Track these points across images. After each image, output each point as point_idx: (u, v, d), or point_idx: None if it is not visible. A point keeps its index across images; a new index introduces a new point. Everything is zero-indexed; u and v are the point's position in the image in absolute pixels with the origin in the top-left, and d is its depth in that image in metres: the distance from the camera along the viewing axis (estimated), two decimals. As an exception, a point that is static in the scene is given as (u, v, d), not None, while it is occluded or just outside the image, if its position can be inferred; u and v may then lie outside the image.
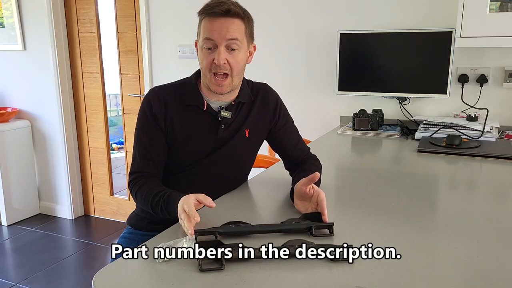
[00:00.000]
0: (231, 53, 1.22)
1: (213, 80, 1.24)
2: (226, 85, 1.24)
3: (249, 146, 1.41)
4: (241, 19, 1.23)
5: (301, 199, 1.18)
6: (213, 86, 1.25)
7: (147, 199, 1.21)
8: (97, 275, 0.87)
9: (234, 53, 1.23)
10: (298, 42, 2.56)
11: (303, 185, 1.15)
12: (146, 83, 3.04)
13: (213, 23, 1.20)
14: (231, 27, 1.20)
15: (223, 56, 1.21)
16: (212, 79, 1.24)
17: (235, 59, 1.23)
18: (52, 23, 3.19)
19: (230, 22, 1.20)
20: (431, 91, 2.16)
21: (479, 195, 1.40)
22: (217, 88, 1.25)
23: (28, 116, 3.50)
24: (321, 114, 2.55)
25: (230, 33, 1.20)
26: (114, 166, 3.64)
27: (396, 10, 2.30)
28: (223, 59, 1.21)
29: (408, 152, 1.88)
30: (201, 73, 1.28)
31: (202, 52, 1.24)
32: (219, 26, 1.20)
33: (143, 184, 1.25)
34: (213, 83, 1.24)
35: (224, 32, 1.20)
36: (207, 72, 1.24)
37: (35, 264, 2.76)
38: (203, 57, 1.24)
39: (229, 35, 1.20)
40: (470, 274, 0.87)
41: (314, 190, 1.14)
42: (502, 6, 1.90)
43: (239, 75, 1.28)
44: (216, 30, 1.20)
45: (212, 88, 1.26)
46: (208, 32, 1.21)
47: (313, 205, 1.14)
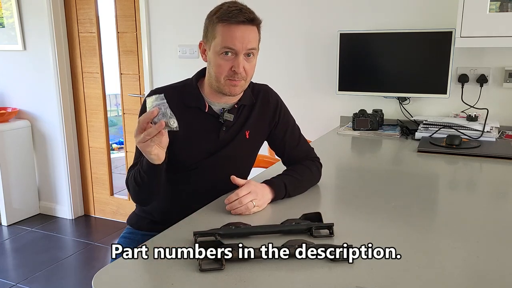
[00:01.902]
0: (248, 59, 1.23)
1: (228, 83, 1.24)
2: (240, 86, 1.26)
3: (249, 147, 1.41)
4: (257, 26, 1.24)
5: None
6: (227, 88, 1.25)
7: (131, 176, 1.22)
8: (97, 275, 0.87)
9: (250, 59, 1.24)
10: (298, 42, 2.56)
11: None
12: (146, 83, 3.04)
13: (234, 32, 1.19)
14: (251, 36, 1.21)
15: (242, 65, 1.22)
16: (227, 81, 1.24)
17: (250, 65, 1.25)
18: (52, 23, 3.19)
19: (250, 30, 1.21)
20: (431, 91, 2.16)
21: (479, 195, 1.40)
22: (232, 89, 1.25)
23: (28, 116, 3.50)
24: (321, 114, 2.55)
25: (251, 43, 1.21)
26: (114, 166, 3.64)
27: (396, 10, 2.30)
28: (242, 67, 1.22)
29: (408, 152, 1.88)
30: (212, 77, 1.26)
31: (219, 57, 1.22)
32: (240, 35, 1.19)
33: (134, 170, 1.26)
34: (228, 85, 1.24)
35: (246, 42, 1.20)
36: (221, 77, 1.24)
37: (35, 264, 2.76)
38: (220, 64, 1.22)
39: (250, 45, 1.21)
40: (470, 274, 0.87)
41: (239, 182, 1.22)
42: (502, 6, 1.90)
43: (251, 79, 1.31)
44: (238, 39, 1.19)
45: (226, 90, 1.25)
46: (229, 41, 1.19)
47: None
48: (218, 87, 1.26)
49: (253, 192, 1.18)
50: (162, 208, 1.38)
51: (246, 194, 1.17)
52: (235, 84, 1.24)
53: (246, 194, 1.17)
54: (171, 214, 1.26)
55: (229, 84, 1.24)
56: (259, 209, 1.20)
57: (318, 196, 1.35)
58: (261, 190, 1.22)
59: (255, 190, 1.19)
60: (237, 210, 1.16)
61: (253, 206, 1.17)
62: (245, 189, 1.18)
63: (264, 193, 1.22)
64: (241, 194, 1.17)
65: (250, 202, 1.17)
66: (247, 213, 1.17)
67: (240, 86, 1.26)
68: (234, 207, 1.17)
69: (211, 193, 1.30)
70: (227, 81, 1.24)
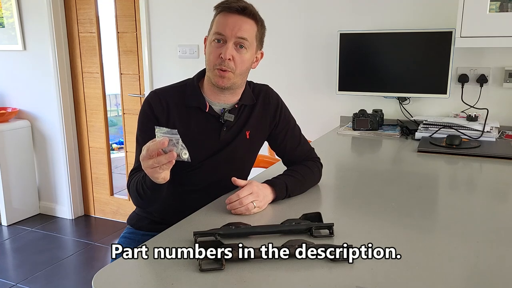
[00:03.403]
0: (239, 50, 1.23)
1: (216, 72, 1.24)
2: (228, 77, 1.24)
3: (249, 148, 1.41)
4: (255, 21, 1.24)
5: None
6: (215, 78, 1.24)
7: (133, 185, 1.21)
8: (97, 275, 0.87)
9: (241, 51, 1.23)
10: (298, 42, 2.56)
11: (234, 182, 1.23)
12: (146, 83, 3.04)
13: (227, 19, 1.21)
14: (244, 25, 1.21)
15: (230, 51, 1.21)
16: (216, 71, 1.24)
17: (241, 58, 1.23)
18: (52, 23, 3.19)
19: (243, 20, 1.22)
20: (431, 91, 2.16)
21: (479, 195, 1.40)
22: (219, 80, 1.24)
23: (28, 116, 3.50)
24: (321, 114, 2.55)
25: (241, 31, 1.21)
26: (114, 166, 3.64)
27: (396, 10, 2.30)
28: (229, 54, 1.21)
29: (408, 152, 1.88)
30: (206, 68, 1.28)
31: (211, 46, 1.24)
32: (232, 22, 1.21)
33: (135, 177, 1.25)
34: (216, 75, 1.24)
35: (236, 29, 1.20)
36: (211, 66, 1.24)
37: (35, 264, 2.76)
38: (211, 51, 1.24)
39: (240, 33, 1.21)
40: (470, 274, 0.87)
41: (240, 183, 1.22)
42: (502, 6, 1.90)
43: (242, 75, 1.28)
44: (229, 26, 1.20)
45: (214, 80, 1.25)
46: (220, 27, 1.21)
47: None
48: (210, 79, 1.27)
49: (254, 193, 1.18)
50: (162, 208, 1.38)
51: (247, 195, 1.17)
52: (222, 75, 1.23)
53: (247, 195, 1.17)
54: (171, 214, 1.27)
55: (217, 74, 1.24)
56: (260, 210, 1.20)
57: (318, 196, 1.35)
58: (263, 191, 1.22)
59: (256, 191, 1.19)
60: (237, 211, 1.16)
61: (253, 207, 1.17)
62: (246, 190, 1.18)
63: (265, 194, 1.22)
64: (242, 195, 1.17)
65: (251, 203, 1.17)
66: (248, 214, 1.17)
67: (227, 78, 1.24)
68: (234, 207, 1.17)
69: (211, 193, 1.30)
70: (215, 70, 1.24)
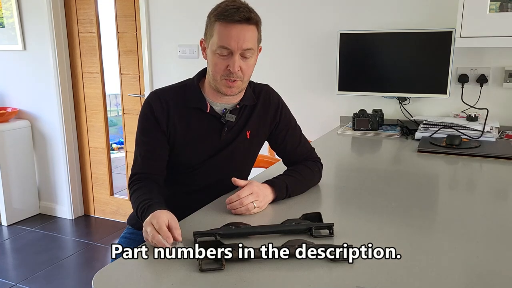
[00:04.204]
0: (245, 60, 1.22)
1: (224, 83, 1.23)
2: (236, 87, 1.24)
3: (250, 148, 1.41)
4: (256, 26, 1.23)
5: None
6: (223, 88, 1.24)
7: (136, 203, 1.20)
8: (97, 275, 0.87)
9: (247, 59, 1.23)
10: (298, 42, 2.56)
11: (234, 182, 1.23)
12: (146, 83, 3.04)
13: (230, 30, 1.18)
14: (247, 35, 1.19)
15: (238, 64, 1.20)
16: (223, 81, 1.23)
17: (247, 65, 1.23)
18: (52, 23, 3.19)
19: (246, 30, 1.19)
20: (431, 91, 2.16)
21: (479, 195, 1.40)
22: (227, 90, 1.24)
23: (28, 116, 3.50)
24: (321, 114, 2.55)
25: (246, 43, 1.19)
26: (114, 166, 3.64)
27: (396, 10, 2.30)
28: (237, 67, 1.21)
29: (408, 152, 1.88)
30: (210, 76, 1.26)
31: (215, 56, 1.22)
32: (236, 34, 1.18)
33: (139, 188, 1.24)
34: (224, 85, 1.24)
35: (241, 41, 1.18)
36: (217, 76, 1.23)
37: (35, 264, 2.76)
38: (216, 63, 1.22)
39: (246, 44, 1.19)
40: (470, 274, 0.87)
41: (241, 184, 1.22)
42: (502, 6, 1.90)
43: (249, 79, 1.29)
44: (233, 39, 1.18)
45: (222, 90, 1.25)
46: (225, 40, 1.18)
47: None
48: (215, 86, 1.26)
49: (254, 193, 1.18)
50: (162, 208, 1.38)
51: (248, 195, 1.17)
52: (230, 85, 1.23)
53: (247, 195, 1.17)
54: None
55: (225, 84, 1.23)
56: (260, 210, 1.20)
57: (318, 196, 1.35)
58: (263, 191, 1.22)
59: (257, 191, 1.19)
60: (237, 211, 1.16)
61: (253, 207, 1.17)
62: (247, 190, 1.18)
63: (265, 194, 1.22)
64: (243, 195, 1.17)
65: (251, 203, 1.17)
66: (248, 214, 1.17)
67: (236, 87, 1.25)
68: (234, 207, 1.17)
69: (211, 193, 1.30)
70: (223, 80, 1.23)
